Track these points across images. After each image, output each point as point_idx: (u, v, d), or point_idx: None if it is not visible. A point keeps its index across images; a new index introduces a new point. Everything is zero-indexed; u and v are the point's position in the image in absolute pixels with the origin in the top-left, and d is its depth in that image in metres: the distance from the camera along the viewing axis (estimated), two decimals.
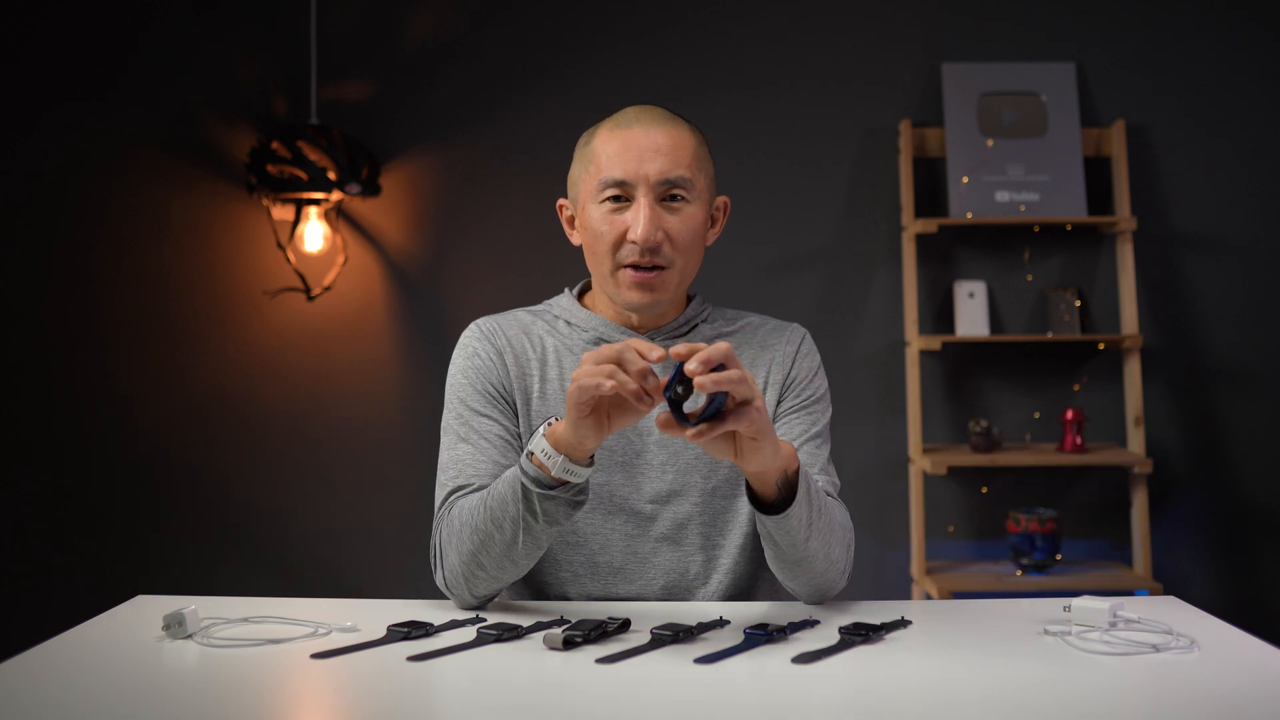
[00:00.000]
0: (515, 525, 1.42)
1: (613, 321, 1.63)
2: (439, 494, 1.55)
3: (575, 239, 1.65)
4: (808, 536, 1.43)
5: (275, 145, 3.14)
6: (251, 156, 3.19)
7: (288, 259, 3.29)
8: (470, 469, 1.54)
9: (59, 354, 3.32)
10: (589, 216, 1.57)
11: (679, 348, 1.25)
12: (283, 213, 3.28)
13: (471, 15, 3.35)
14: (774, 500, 1.40)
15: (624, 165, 1.54)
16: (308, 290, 3.31)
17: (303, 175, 3.13)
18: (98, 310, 3.32)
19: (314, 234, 3.24)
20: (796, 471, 1.40)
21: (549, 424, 1.39)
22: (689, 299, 1.68)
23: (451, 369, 1.63)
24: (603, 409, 1.34)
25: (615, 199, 1.55)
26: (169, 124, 3.32)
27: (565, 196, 1.66)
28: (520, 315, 1.67)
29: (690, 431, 1.25)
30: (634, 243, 1.53)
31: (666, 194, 1.54)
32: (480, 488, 1.52)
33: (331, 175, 3.13)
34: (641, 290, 1.55)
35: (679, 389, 1.25)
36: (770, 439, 1.32)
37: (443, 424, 1.61)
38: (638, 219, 1.53)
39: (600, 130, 1.59)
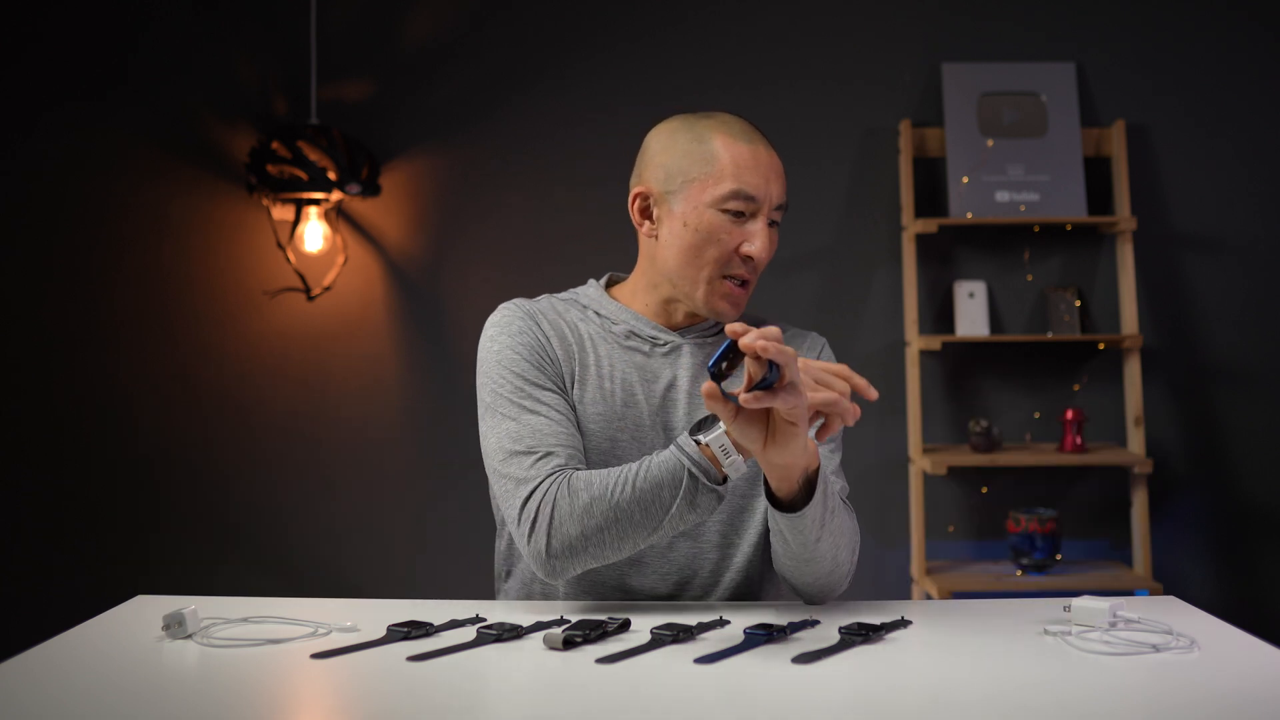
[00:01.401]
0: (664, 512, 1.42)
1: (645, 316, 1.64)
2: (524, 460, 1.49)
3: (647, 229, 1.62)
4: (819, 537, 1.44)
5: (275, 145, 3.14)
6: (251, 156, 3.19)
7: (288, 259, 3.29)
8: (551, 438, 1.51)
9: (59, 354, 3.32)
10: (703, 219, 1.55)
11: (735, 326, 1.28)
12: (283, 213, 3.28)
13: (471, 15, 3.35)
14: (792, 498, 1.41)
15: (755, 181, 1.55)
16: (308, 290, 3.31)
17: (303, 175, 3.13)
18: (98, 310, 3.32)
19: (314, 234, 3.24)
20: (816, 470, 1.41)
21: (719, 422, 1.40)
22: None
23: (493, 346, 1.58)
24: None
25: (738, 212, 1.55)
26: (169, 124, 3.32)
27: (640, 183, 1.62)
28: (553, 301, 1.67)
29: (743, 397, 1.27)
30: (750, 258, 1.56)
31: (775, 218, 1.58)
32: (572, 458, 1.50)
33: (331, 175, 3.13)
34: (734, 305, 1.59)
35: (724, 365, 1.29)
36: (805, 429, 1.33)
37: (488, 400, 1.56)
38: (757, 236, 1.55)
39: (716, 134, 1.57)
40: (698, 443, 1.41)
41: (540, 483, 1.47)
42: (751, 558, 1.60)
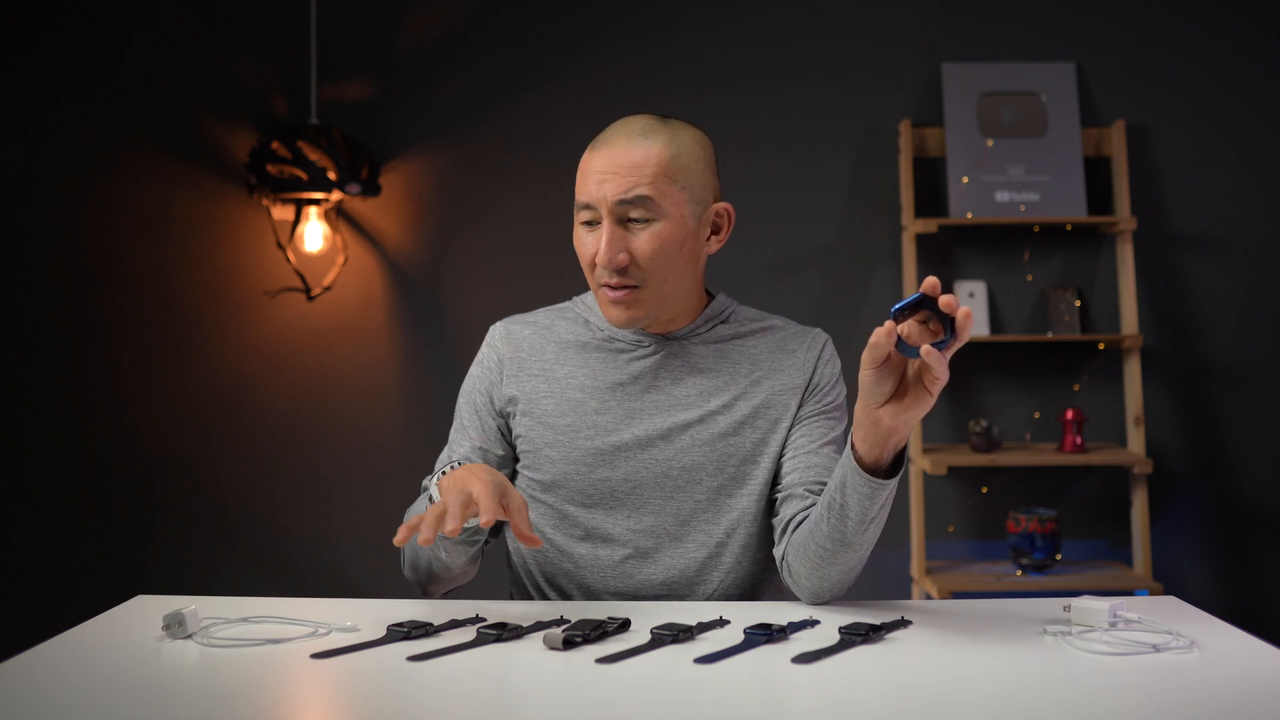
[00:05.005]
0: (430, 548, 1.52)
1: None
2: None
3: None
4: (875, 517, 1.43)
5: (275, 145, 3.14)
6: (251, 156, 3.20)
7: (288, 259, 3.29)
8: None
9: (59, 354, 3.32)
10: (576, 237, 1.61)
11: (933, 280, 1.27)
12: (283, 213, 3.28)
13: (471, 15, 3.35)
14: (877, 466, 1.39)
15: (588, 187, 1.56)
16: (308, 290, 3.31)
17: (303, 175, 3.13)
18: (98, 310, 3.32)
19: (314, 234, 3.24)
20: (905, 448, 1.41)
21: (452, 467, 1.45)
22: (711, 297, 1.69)
23: (468, 373, 1.72)
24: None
25: (589, 221, 1.58)
26: (169, 124, 3.32)
27: None
28: (540, 315, 1.71)
29: (925, 348, 1.25)
30: (601, 264, 1.56)
31: (626, 215, 1.55)
32: None
33: (331, 175, 3.13)
34: (618, 308, 1.57)
35: (906, 313, 1.29)
36: (934, 399, 1.32)
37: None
38: (600, 241, 1.55)
39: (586, 152, 1.60)
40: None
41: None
42: (741, 558, 1.60)
